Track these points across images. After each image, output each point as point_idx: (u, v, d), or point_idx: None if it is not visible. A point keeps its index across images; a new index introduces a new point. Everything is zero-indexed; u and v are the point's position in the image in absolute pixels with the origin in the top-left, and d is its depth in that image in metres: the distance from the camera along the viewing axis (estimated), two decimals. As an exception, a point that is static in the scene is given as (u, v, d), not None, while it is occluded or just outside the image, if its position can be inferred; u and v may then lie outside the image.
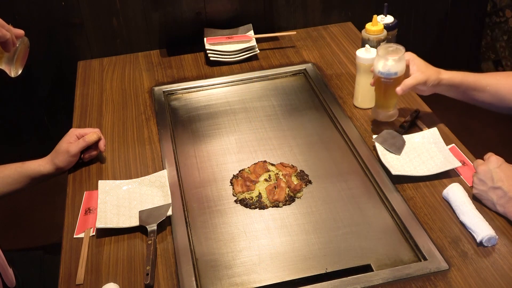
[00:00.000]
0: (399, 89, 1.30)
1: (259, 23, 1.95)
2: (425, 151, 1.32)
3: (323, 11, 2.04)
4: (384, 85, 1.34)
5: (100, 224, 1.16)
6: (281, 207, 1.23)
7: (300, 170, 1.32)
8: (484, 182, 1.14)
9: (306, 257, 1.11)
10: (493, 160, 1.14)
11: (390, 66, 1.31)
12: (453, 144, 1.34)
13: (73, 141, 1.32)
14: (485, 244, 1.08)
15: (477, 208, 1.13)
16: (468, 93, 1.34)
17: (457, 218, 1.14)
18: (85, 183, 1.33)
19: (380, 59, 1.32)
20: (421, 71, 1.31)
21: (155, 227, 1.14)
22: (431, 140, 1.34)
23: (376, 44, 1.49)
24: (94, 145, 1.35)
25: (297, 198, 1.25)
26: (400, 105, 1.50)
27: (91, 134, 1.34)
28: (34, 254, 1.45)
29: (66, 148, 1.30)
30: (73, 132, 1.34)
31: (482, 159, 1.19)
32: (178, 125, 1.55)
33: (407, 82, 1.30)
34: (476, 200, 1.17)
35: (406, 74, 1.33)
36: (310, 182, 1.29)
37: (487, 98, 1.33)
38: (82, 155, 1.36)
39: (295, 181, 1.28)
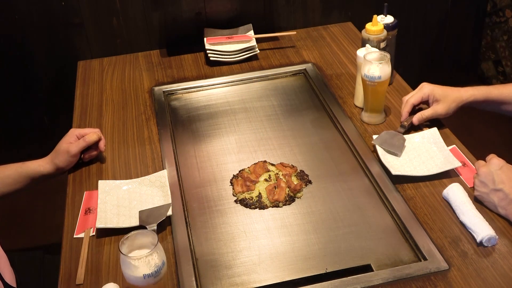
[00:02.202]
0: (415, 120, 1.36)
1: (259, 23, 1.95)
2: (425, 151, 1.32)
3: (323, 11, 2.04)
4: (371, 88, 1.39)
5: (100, 224, 1.16)
6: (281, 207, 1.23)
7: (300, 170, 1.32)
8: (485, 184, 1.13)
9: (306, 257, 1.11)
10: (494, 162, 1.13)
11: (374, 70, 1.36)
12: (454, 145, 1.34)
13: (73, 141, 1.32)
14: (485, 244, 1.07)
15: (477, 209, 1.13)
16: (494, 106, 1.35)
17: (457, 218, 1.14)
18: (85, 183, 1.33)
19: (366, 63, 1.37)
20: (441, 104, 1.34)
21: (155, 227, 1.14)
22: (431, 140, 1.34)
23: (376, 44, 1.50)
24: (94, 145, 1.35)
25: (297, 198, 1.25)
26: (400, 104, 1.50)
27: (91, 134, 1.34)
28: (34, 254, 1.45)
29: (66, 148, 1.30)
30: (73, 132, 1.34)
31: (483, 159, 1.19)
32: (178, 125, 1.55)
33: (425, 114, 1.36)
34: (478, 201, 1.17)
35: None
36: (310, 182, 1.29)
37: None
38: (82, 155, 1.35)
39: (295, 181, 1.28)
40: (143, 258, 0.95)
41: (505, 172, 1.11)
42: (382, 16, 1.56)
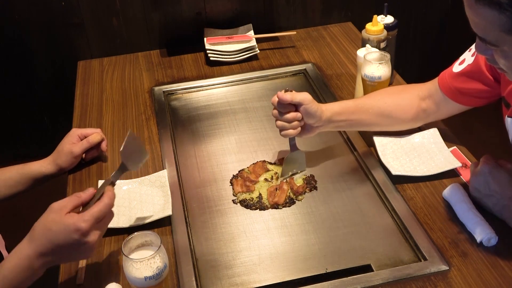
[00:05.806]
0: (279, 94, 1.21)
1: (259, 23, 1.95)
2: (425, 151, 1.32)
3: (323, 11, 2.04)
4: (371, 88, 1.39)
5: (100, 224, 1.16)
6: (280, 208, 1.23)
7: (310, 175, 1.31)
8: (478, 190, 1.13)
9: (306, 257, 1.11)
10: (485, 167, 1.12)
11: (374, 70, 1.36)
12: (455, 147, 1.33)
13: (76, 141, 1.32)
14: (485, 244, 1.08)
15: (477, 209, 1.13)
16: (352, 117, 1.28)
17: (457, 218, 1.14)
18: (85, 183, 1.33)
19: (366, 63, 1.38)
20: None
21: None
22: (431, 140, 1.34)
23: (376, 44, 1.50)
24: (96, 145, 1.35)
25: (298, 200, 1.25)
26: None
27: (94, 135, 1.34)
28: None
29: (69, 149, 1.30)
30: (75, 132, 1.34)
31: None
32: (178, 125, 1.55)
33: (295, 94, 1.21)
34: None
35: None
36: (315, 188, 1.28)
37: (372, 119, 1.30)
38: (83, 155, 1.35)
39: (298, 182, 1.28)
40: (145, 261, 0.95)
41: (496, 177, 1.10)
42: (382, 16, 1.56)
